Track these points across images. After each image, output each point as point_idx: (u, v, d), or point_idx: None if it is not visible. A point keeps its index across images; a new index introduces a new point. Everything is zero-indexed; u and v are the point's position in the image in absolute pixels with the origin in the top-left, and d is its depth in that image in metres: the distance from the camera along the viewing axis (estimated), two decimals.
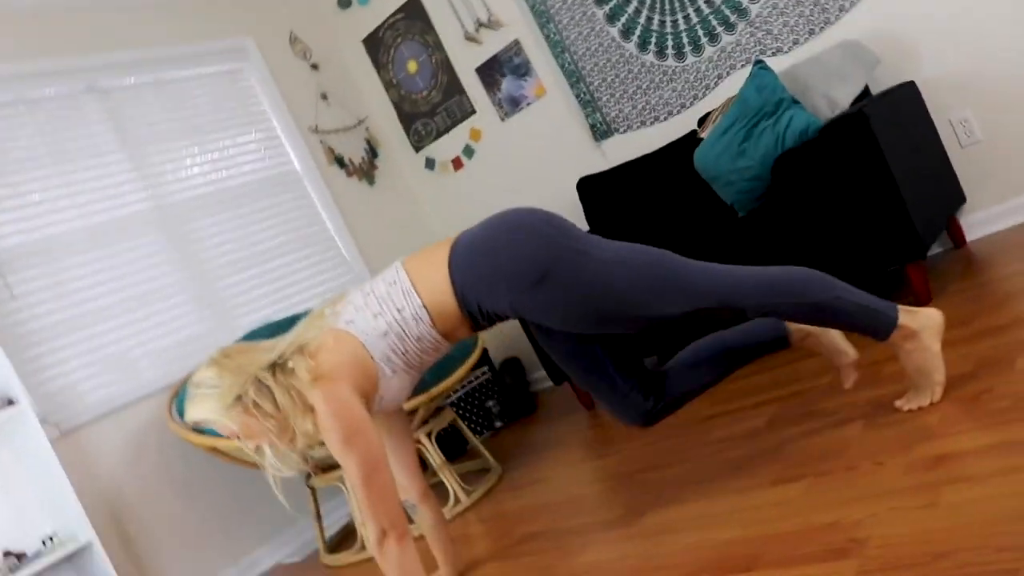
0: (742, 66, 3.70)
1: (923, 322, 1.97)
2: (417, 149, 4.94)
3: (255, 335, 3.71)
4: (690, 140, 3.65)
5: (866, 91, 3.27)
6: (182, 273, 3.92)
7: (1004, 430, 1.65)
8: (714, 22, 3.71)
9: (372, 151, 4.94)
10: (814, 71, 3.25)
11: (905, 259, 2.76)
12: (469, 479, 3.58)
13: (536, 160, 4.49)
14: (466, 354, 3.40)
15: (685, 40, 3.81)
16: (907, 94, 3.17)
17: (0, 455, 3.17)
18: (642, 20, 3.90)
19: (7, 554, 2.98)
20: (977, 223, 3.37)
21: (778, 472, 2.01)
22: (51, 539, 3.10)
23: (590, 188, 3.99)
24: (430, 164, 4.91)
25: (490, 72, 4.48)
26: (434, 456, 3.18)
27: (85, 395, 3.47)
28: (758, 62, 3.20)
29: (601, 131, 4.20)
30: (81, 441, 3.39)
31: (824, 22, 3.45)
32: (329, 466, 3.17)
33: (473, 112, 4.62)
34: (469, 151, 4.72)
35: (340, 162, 4.77)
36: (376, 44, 4.87)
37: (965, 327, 2.38)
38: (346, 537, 3.55)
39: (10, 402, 3.02)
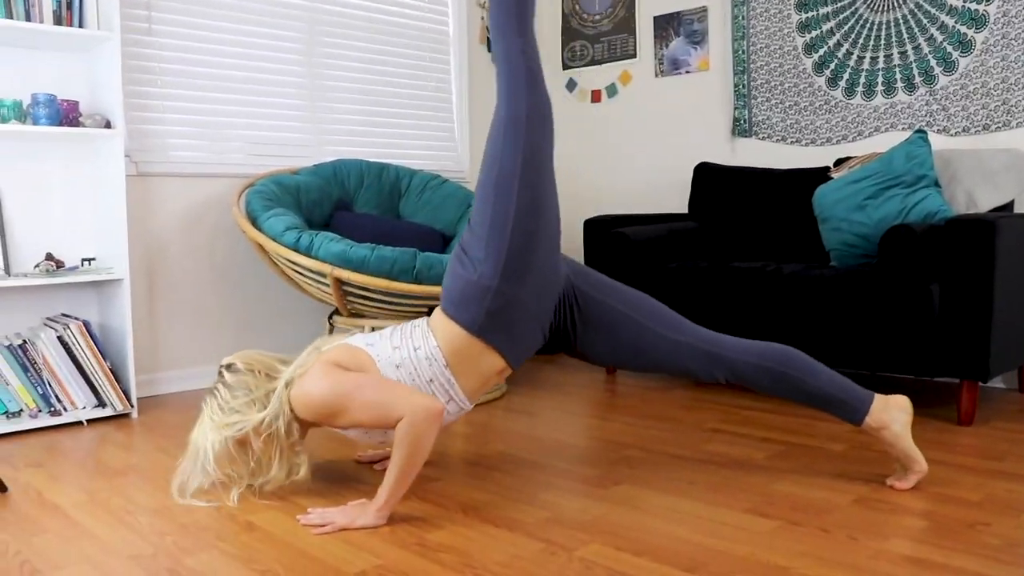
0: (903, 128, 3.61)
1: (893, 414, 2.14)
2: (565, 67, 4.92)
3: (342, 166, 3.78)
4: (820, 175, 3.59)
5: (1010, 206, 3.18)
6: (304, 79, 3.99)
7: (983, 563, 1.65)
8: (898, 76, 3.61)
9: None
10: (969, 164, 3.17)
11: (964, 375, 2.72)
12: None
13: (668, 126, 4.45)
14: None
15: (862, 80, 3.72)
16: None
17: (81, 169, 3.31)
18: (831, 43, 3.81)
19: (49, 256, 3.13)
20: None
21: (755, 503, 2.04)
22: (90, 261, 3.24)
23: (706, 175, 3.96)
24: (571, 86, 4.89)
25: (666, 26, 4.42)
26: None
27: (171, 149, 3.58)
28: (920, 131, 3.12)
29: (742, 128, 4.14)
30: (151, 187, 3.51)
31: (1003, 123, 3.34)
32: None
33: (633, 56, 4.57)
34: (613, 90, 4.69)
35: (490, 45, 4.77)
36: None
37: (992, 461, 2.36)
38: None
39: (108, 124, 3.13)
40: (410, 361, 2.08)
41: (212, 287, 3.69)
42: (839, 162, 3.56)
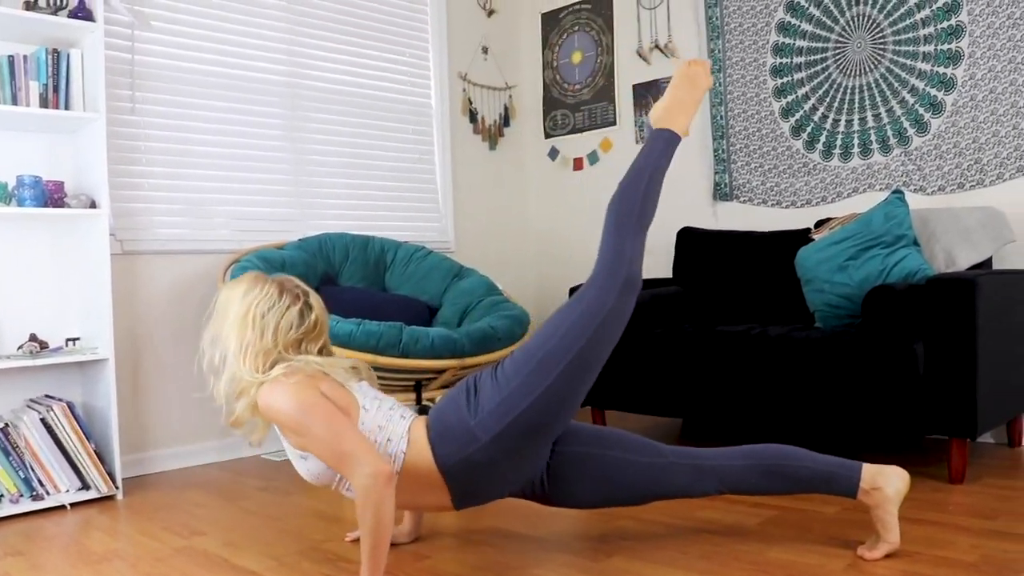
0: (880, 189, 3.66)
1: (889, 478, 2.12)
2: (547, 135, 4.99)
3: (327, 240, 3.80)
4: (801, 236, 3.63)
5: (988, 262, 3.22)
6: (288, 154, 4.03)
7: None
8: (873, 137, 3.68)
9: (506, 118, 5.00)
10: (946, 223, 3.21)
11: (953, 433, 2.72)
12: None
13: None
14: (514, 338, 3.44)
15: (839, 142, 3.79)
16: (1022, 282, 3.12)
17: (66, 249, 3.32)
18: (807, 107, 3.88)
19: (33, 338, 3.11)
20: None
21: (748, 572, 2.01)
22: (74, 341, 3.22)
23: (689, 240, 4.00)
24: (553, 154, 4.95)
25: (645, 93, 4.50)
26: None
27: (157, 226, 3.59)
28: (897, 192, 3.17)
29: (723, 192, 4.20)
30: (136, 265, 3.52)
31: (978, 182, 3.40)
32: None
33: (613, 123, 4.65)
34: (594, 157, 4.75)
35: (472, 116, 4.84)
36: (553, 22, 4.93)
37: (985, 520, 2.35)
38: None
39: (93, 204, 3.15)
40: (376, 443, 2.02)
41: (198, 364, 3.67)
42: (820, 224, 3.60)
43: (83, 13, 3.11)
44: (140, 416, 3.51)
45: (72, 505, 2.99)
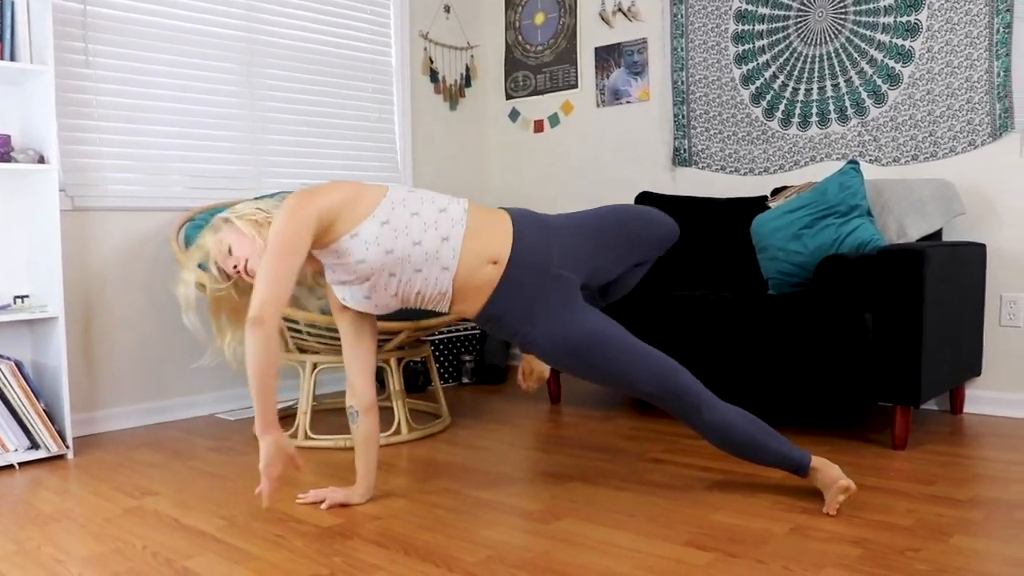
0: (837, 159, 3.70)
1: (836, 470, 2.29)
2: (508, 96, 4.96)
3: (284, 196, 3.76)
4: (758, 204, 3.66)
5: (938, 234, 3.27)
6: (244, 111, 3.97)
7: None
8: (831, 107, 3.70)
9: (467, 79, 4.96)
10: (899, 194, 3.25)
11: (897, 400, 2.79)
12: (417, 417, 3.65)
13: (610, 156, 4.50)
14: None
15: (797, 111, 3.81)
16: (973, 254, 3.17)
17: (14, 205, 3.25)
18: (767, 75, 3.90)
19: None
20: (980, 399, 3.38)
21: (693, 535, 2.06)
22: (23, 299, 3.17)
23: (647, 204, 4.01)
24: (514, 116, 4.93)
25: (607, 57, 4.49)
26: (395, 381, 3.24)
27: (109, 183, 3.53)
28: (853, 162, 3.20)
29: (682, 158, 4.21)
30: (87, 222, 3.46)
31: (931, 155, 3.45)
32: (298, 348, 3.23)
33: (575, 86, 4.63)
34: (555, 119, 4.74)
35: (434, 76, 4.79)
36: None
37: (924, 485, 2.41)
38: (284, 419, 3.61)
39: (41, 159, 3.08)
40: (421, 254, 2.16)
41: (151, 322, 3.64)
42: (776, 192, 3.64)
43: None
44: (91, 375, 3.47)
45: (21, 465, 2.96)
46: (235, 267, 2.27)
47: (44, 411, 3.01)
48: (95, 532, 2.21)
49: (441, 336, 4.40)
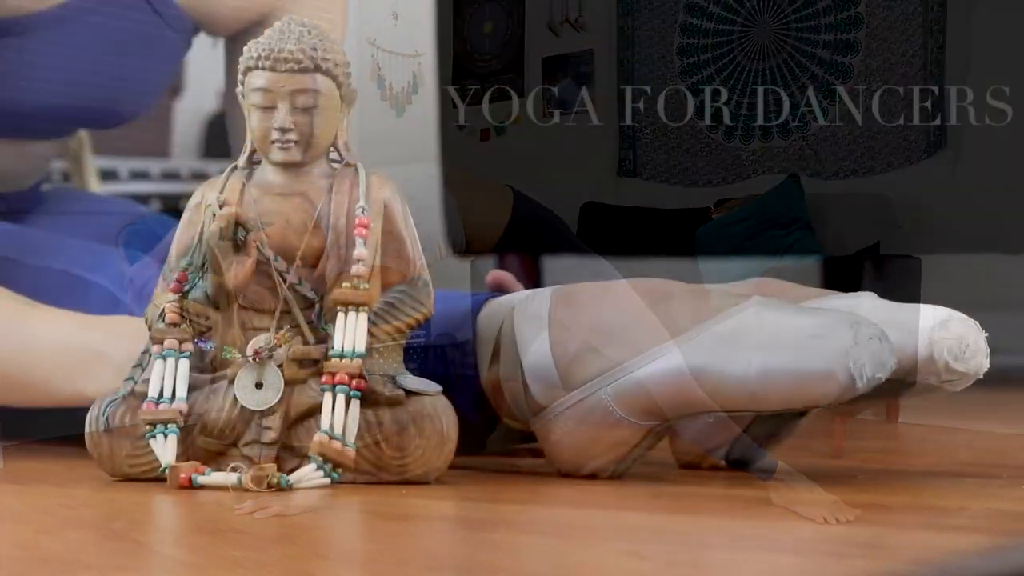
0: (779, 172, 3.76)
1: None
2: (455, 105, 4.95)
3: None
4: (701, 215, 3.71)
5: (876, 247, 3.34)
6: None
7: None
8: (773, 121, 3.77)
9: (414, 86, 4.94)
10: (838, 207, 3.32)
11: (837, 410, 2.83)
12: None
13: (555, 166, 4.51)
14: None
15: (740, 124, 3.87)
16: (907, 267, 3.24)
17: None
18: (712, 88, 3.95)
19: None
20: (915, 408, 3.45)
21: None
22: None
23: (591, 215, 4.04)
24: (461, 124, 4.92)
25: (554, 67, 4.51)
26: None
27: None
28: (793, 175, 3.27)
29: (627, 169, 4.25)
30: None
31: (868, 169, 3.53)
32: None
33: (522, 96, 4.64)
34: (501, 128, 4.74)
35: (380, 82, 4.77)
36: None
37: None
38: None
39: None
40: None
41: None
42: (720, 203, 3.68)
43: None
44: None
45: None
46: None
47: None
48: (26, 543, 2.14)
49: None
